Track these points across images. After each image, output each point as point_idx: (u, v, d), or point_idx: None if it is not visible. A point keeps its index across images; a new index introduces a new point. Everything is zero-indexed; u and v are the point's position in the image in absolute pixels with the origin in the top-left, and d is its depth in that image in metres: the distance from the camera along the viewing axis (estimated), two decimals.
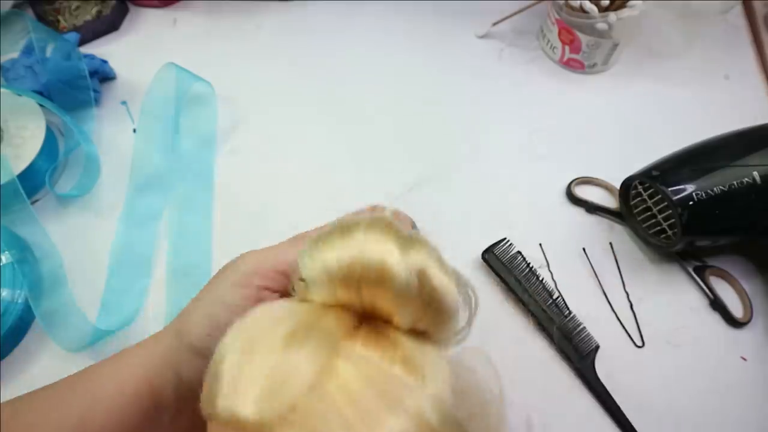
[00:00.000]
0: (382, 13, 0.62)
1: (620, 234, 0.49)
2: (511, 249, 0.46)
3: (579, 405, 0.41)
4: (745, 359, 0.42)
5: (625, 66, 0.59)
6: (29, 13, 0.59)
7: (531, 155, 0.53)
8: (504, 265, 0.45)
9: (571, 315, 0.44)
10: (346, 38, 0.60)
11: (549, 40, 0.58)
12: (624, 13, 0.52)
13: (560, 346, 0.43)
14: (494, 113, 0.55)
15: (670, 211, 0.43)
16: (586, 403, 0.41)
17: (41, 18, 0.57)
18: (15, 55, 0.54)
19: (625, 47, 0.57)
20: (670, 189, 0.42)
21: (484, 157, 0.52)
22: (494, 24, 0.59)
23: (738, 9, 0.64)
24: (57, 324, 0.42)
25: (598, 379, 0.41)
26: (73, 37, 0.53)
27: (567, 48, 0.56)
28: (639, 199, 0.46)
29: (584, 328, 0.43)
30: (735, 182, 0.42)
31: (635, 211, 0.47)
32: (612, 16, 0.52)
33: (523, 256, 0.45)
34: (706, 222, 0.42)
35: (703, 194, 0.42)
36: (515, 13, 0.59)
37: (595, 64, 0.57)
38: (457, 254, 0.47)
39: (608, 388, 0.41)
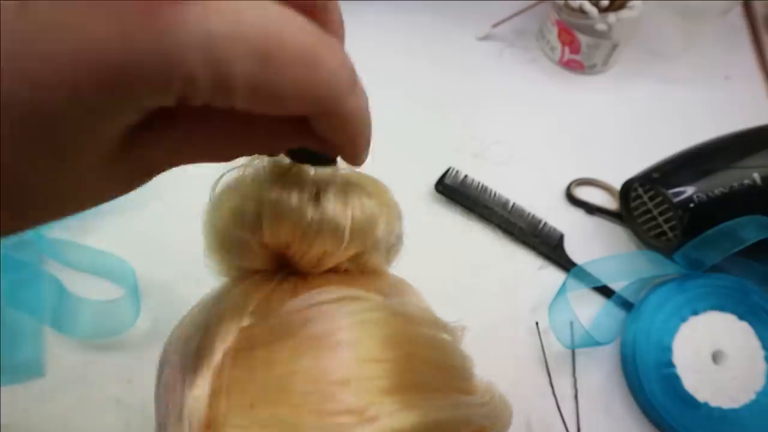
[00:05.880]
0: (381, 14, 0.62)
1: (620, 236, 0.49)
2: (459, 174, 0.49)
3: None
4: None
5: (624, 67, 0.59)
6: None
7: (530, 156, 0.53)
8: (457, 190, 0.48)
9: (531, 214, 0.48)
10: (346, 39, 0.60)
11: (548, 41, 0.58)
12: (624, 13, 0.52)
13: (528, 242, 0.47)
14: (493, 114, 0.55)
15: (671, 213, 0.43)
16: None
17: None
18: None
19: (624, 48, 0.56)
20: (670, 191, 0.42)
21: (483, 158, 0.52)
22: (494, 26, 0.59)
23: (738, 9, 0.64)
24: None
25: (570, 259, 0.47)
26: None
27: (567, 49, 0.56)
28: (639, 201, 0.46)
29: (546, 222, 0.47)
30: (735, 184, 0.42)
31: (636, 212, 0.47)
32: (611, 16, 0.52)
33: (471, 178, 0.49)
34: (706, 224, 0.42)
35: (704, 196, 0.41)
36: (515, 15, 0.58)
37: (594, 65, 0.57)
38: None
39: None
